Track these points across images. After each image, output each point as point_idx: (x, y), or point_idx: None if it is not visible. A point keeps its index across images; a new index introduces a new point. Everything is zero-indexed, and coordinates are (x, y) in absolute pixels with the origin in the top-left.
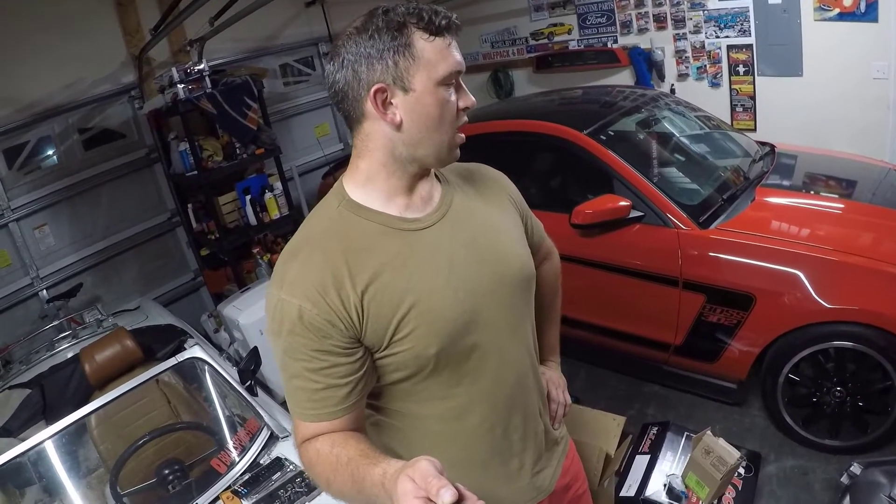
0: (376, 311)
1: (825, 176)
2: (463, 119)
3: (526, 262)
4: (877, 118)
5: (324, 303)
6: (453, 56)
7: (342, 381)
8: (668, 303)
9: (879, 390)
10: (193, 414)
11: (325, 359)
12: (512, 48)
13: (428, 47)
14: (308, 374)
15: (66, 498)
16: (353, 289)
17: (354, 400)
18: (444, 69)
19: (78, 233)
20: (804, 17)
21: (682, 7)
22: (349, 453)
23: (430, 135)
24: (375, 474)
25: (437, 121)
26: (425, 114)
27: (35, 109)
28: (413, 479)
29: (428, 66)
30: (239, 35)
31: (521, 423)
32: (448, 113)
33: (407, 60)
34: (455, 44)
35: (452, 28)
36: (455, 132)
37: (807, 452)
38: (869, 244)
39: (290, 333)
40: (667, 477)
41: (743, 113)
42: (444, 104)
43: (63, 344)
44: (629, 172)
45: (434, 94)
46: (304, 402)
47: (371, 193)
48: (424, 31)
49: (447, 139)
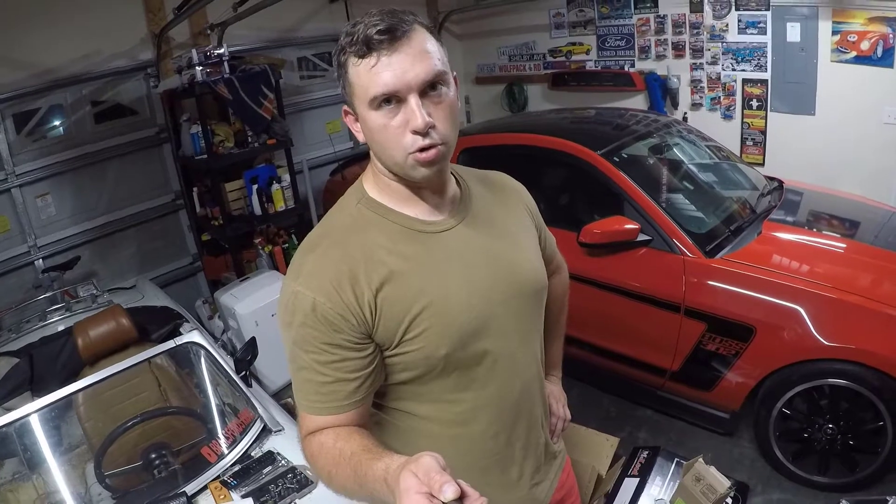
0: (389, 310)
1: (830, 215)
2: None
3: (540, 273)
4: (886, 162)
5: (338, 297)
6: (379, 77)
7: (351, 376)
8: (669, 328)
9: (870, 430)
10: (183, 399)
11: (336, 352)
12: (529, 63)
13: (356, 72)
14: (317, 367)
15: (45, 473)
16: (367, 286)
17: (362, 395)
18: (370, 93)
19: (80, 205)
20: (821, 57)
21: (701, 37)
22: (352, 448)
23: (384, 154)
24: (378, 469)
25: (381, 144)
26: (371, 137)
27: (50, 77)
28: (416, 475)
29: (358, 91)
30: (260, 24)
31: (524, 432)
32: (388, 135)
33: (347, 86)
34: (389, 61)
35: (379, 45)
36: (406, 154)
37: (794, 487)
38: (868, 285)
39: (303, 325)
40: (655, 501)
41: (753, 147)
42: (381, 129)
43: (55, 316)
44: (640, 196)
45: (369, 120)
46: (311, 395)
47: (388, 194)
48: (354, 56)
49: (400, 159)
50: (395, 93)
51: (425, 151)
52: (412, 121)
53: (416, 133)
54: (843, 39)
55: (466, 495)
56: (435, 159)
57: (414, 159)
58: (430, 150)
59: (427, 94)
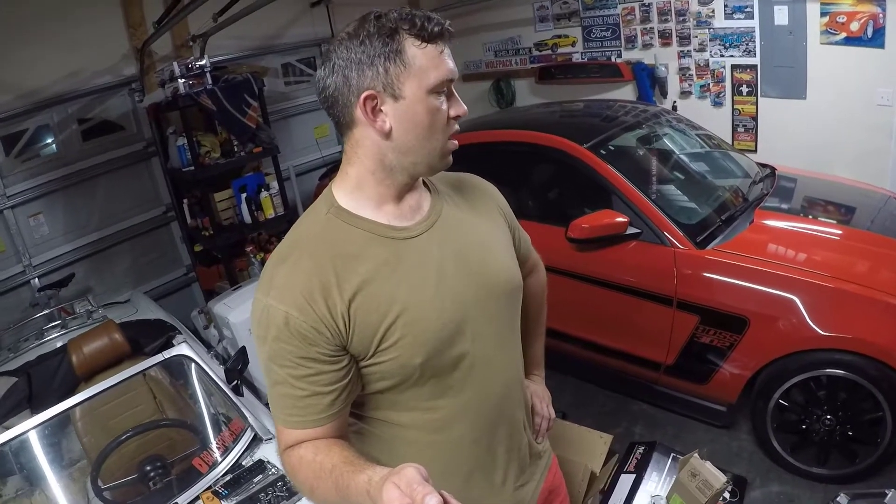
0: (363, 320)
1: (824, 201)
2: (454, 127)
3: (514, 274)
4: (879, 144)
5: (311, 310)
6: (445, 64)
7: (327, 389)
8: (662, 322)
9: (869, 420)
10: (179, 411)
11: (311, 366)
12: (515, 58)
13: (419, 54)
14: (293, 381)
15: (47, 489)
16: (340, 297)
17: (339, 408)
18: (435, 77)
19: (72, 223)
20: (810, 39)
21: (687, 25)
22: (333, 460)
23: (420, 143)
24: (360, 482)
25: (428, 129)
26: (415, 122)
27: (35, 97)
28: (398, 486)
29: (419, 74)
30: (242, 33)
31: (505, 436)
32: (438, 121)
33: (398, 67)
34: (448, 51)
35: (445, 35)
36: (446, 140)
37: (793, 479)
38: (865, 272)
39: (276, 340)
40: (651, 498)
41: (744, 133)
42: (434, 112)
43: (52, 333)
44: (628, 188)
45: (424, 103)
46: (288, 409)
47: (360, 200)
48: (416, 38)
49: (438, 147)
50: (452, 81)
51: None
52: (457, 107)
53: (456, 118)
54: (833, 21)
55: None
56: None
57: (450, 146)
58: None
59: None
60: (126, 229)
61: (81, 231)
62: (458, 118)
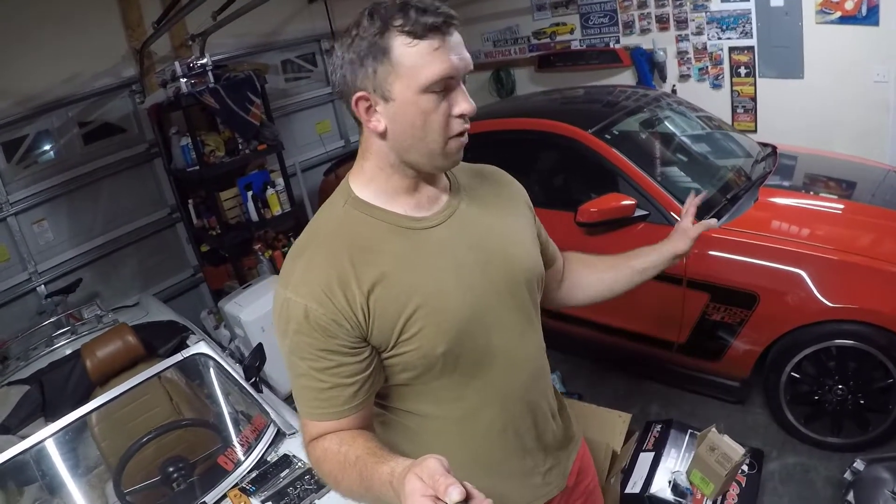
0: (382, 311)
1: (826, 177)
2: (458, 126)
3: (536, 262)
4: (877, 121)
5: (330, 303)
6: (441, 60)
7: (349, 381)
8: (673, 301)
9: (880, 388)
10: (195, 411)
11: (332, 358)
12: (514, 47)
13: (409, 53)
14: (314, 374)
15: (66, 496)
16: (359, 289)
17: (362, 399)
18: (427, 76)
19: (77, 228)
20: (806, 19)
21: (684, 8)
22: (357, 452)
23: (416, 144)
24: (383, 473)
25: (421, 130)
26: (408, 123)
27: (34, 102)
28: (421, 478)
29: (408, 74)
30: (241, 31)
31: (533, 424)
32: (433, 122)
33: (385, 68)
34: (450, 44)
35: (443, 27)
36: (446, 139)
37: (808, 450)
38: (869, 244)
39: (297, 333)
40: (671, 474)
41: (744, 114)
42: (427, 113)
43: (62, 340)
44: (634, 171)
45: (416, 104)
46: (311, 402)
47: (376, 192)
48: (407, 35)
49: (437, 148)
50: (451, 77)
51: (462, 137)
52: (461, 105)
53: (461, 117)
54: (828, 0)
55: (472, 497)
56: (465, 145)
57: (454, 144)
58: (464, 135)
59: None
60: (131, 232)
61: (86, 236)
62: (464, 116)
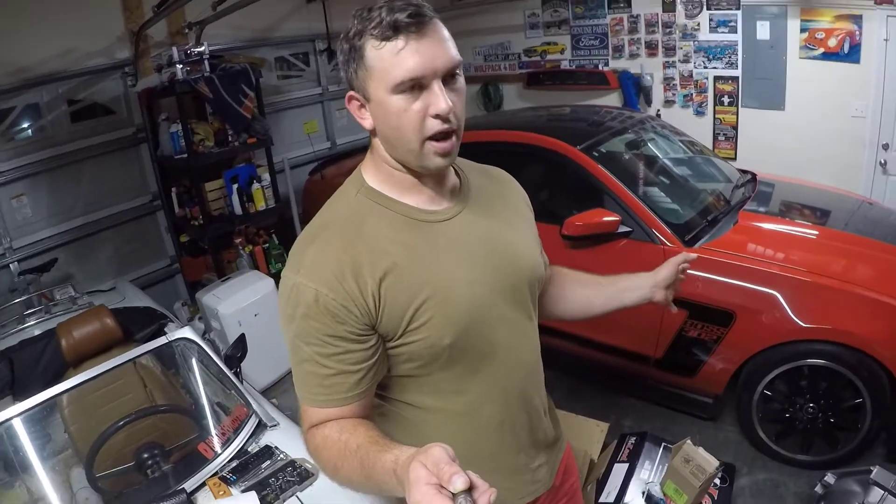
0: (393, 300)
1: (803, 205)
2: (433, 125)
3: (538, 262)
4: (854, 155)
5: (341, 288)
6: (406, 61)
7: (354, 368)
8: (651, 317)
9: (850, 407)
10: (169, 399)
11: (339, 344)
12: (504, 62)
13: (377, 55)
14: (320, 359)
15: (30, 479)
16: (371, 276)
17: (365, 387)
18: (395, 76)
19: (56, 206)
20: (790, 54)
21: (673, 36)
22: (358, 440)
23: (396, 143)
24: (387, 461)
25: (397, 130)
26: (385, 123)
27: (26, 75)
28: (425, 466)
29: (379, 75)
30: (238, 23)
31: (527, 420)
32: (407, 122)
33: (363, 70)
34: (417, 44)
35: (409, 27)
36: (422, 140)
37: (778, 466)
38: (841, 268)
39: (305, 317)
40: (645, 485)
41: (725, 142)
42: (400, 113)
43: (32, 319)
44: (620, 189)
45: (388, 104)
46: (314, 388)
47: (387, 184)
48: (376, 38)
49: (415, 147)
50: (421, 77)
51: (444, 141)
52: (435, 104)
53: (437, 117)
54: (812, 37)
55: (476, 486)
56: (451, 150)
57: (431, 147)
58: (448, 138)
59: (447, 82)
60: (111, 216)
61: (65, 216)
62: (439, 116)
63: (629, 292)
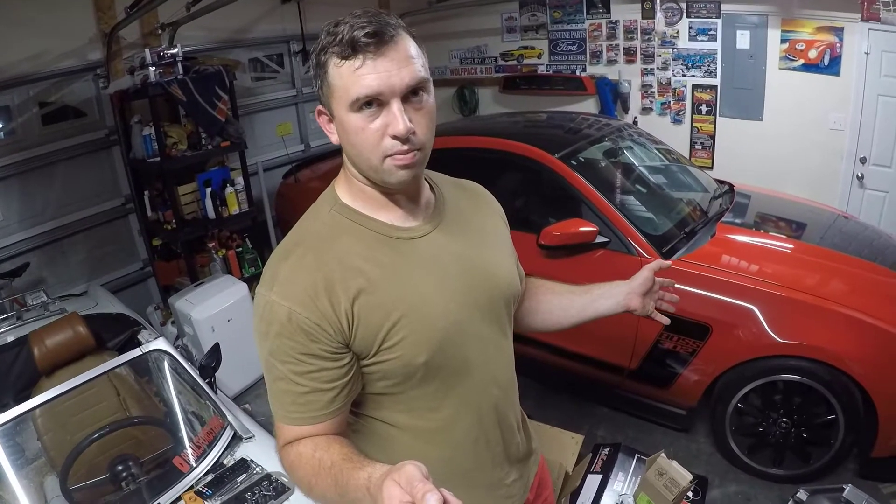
0: (366, 319)
1: (778, 217)
2: (389, 145)
3: (514, 278)
4: (831, 167)
5: (314, 307)
6: (361, 80)
7: (328, 386)
8: (627, 328)
9: (823, 423)
10: (143, 409)
11: (312, 362)
12: (481, 66)
13: (337, 73)
14: (293, 377)
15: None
16: (344, 294)
17: (339, 405)
18: (352, 94)
19: (28, 210)
20: (770, 64)
21: (652, 44)
22: (332, 457)
23: (357, 159)
24: (360, 478)
25: (356, 147)
26: (347, 140)
27: None
28: (398, 483)
29: (339, 93)
30: (211, 24)
31: (501, 436)
32: (364, 140)
33: (326, 86)
34: (374, 63)
35: (367, 47)
36: (381, 158)
37: (750, 479)
38: (816, 283)
39: (278, 336)
40: (619, 496)
41: (701, 151)
42: (358, 132)
43: (4, 326)
44: (598, 199)
45: (347, 122)
46: (288, 405)
47: (361, 200)
48: (336, 56)
49: (376, 165)
50: (377, 96)
51: (403, 155)
52: (393, 125)
53: (396, 138)
54: (792, 48)
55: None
56: (412, 163)
57: (392, 162)
58: (407, 154)
59: (409, 100)
60: (83, 219)
61: (37, 219)
62: (396, 137)
63: (604, 300)
